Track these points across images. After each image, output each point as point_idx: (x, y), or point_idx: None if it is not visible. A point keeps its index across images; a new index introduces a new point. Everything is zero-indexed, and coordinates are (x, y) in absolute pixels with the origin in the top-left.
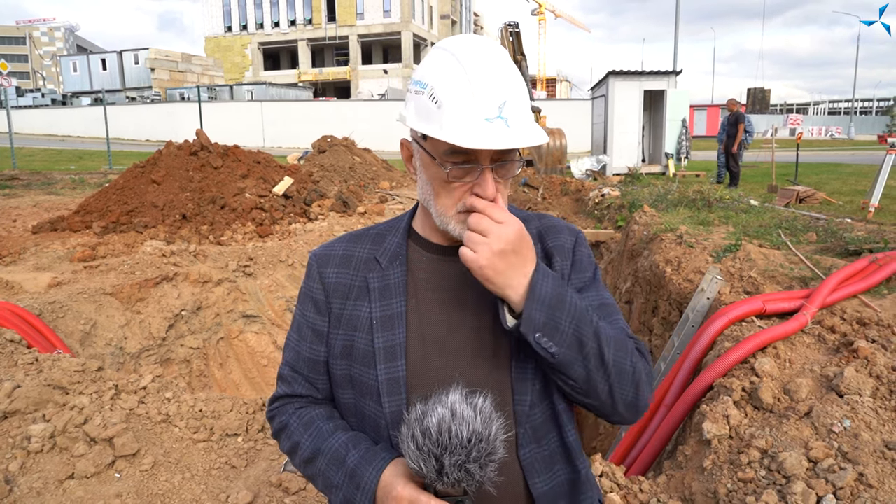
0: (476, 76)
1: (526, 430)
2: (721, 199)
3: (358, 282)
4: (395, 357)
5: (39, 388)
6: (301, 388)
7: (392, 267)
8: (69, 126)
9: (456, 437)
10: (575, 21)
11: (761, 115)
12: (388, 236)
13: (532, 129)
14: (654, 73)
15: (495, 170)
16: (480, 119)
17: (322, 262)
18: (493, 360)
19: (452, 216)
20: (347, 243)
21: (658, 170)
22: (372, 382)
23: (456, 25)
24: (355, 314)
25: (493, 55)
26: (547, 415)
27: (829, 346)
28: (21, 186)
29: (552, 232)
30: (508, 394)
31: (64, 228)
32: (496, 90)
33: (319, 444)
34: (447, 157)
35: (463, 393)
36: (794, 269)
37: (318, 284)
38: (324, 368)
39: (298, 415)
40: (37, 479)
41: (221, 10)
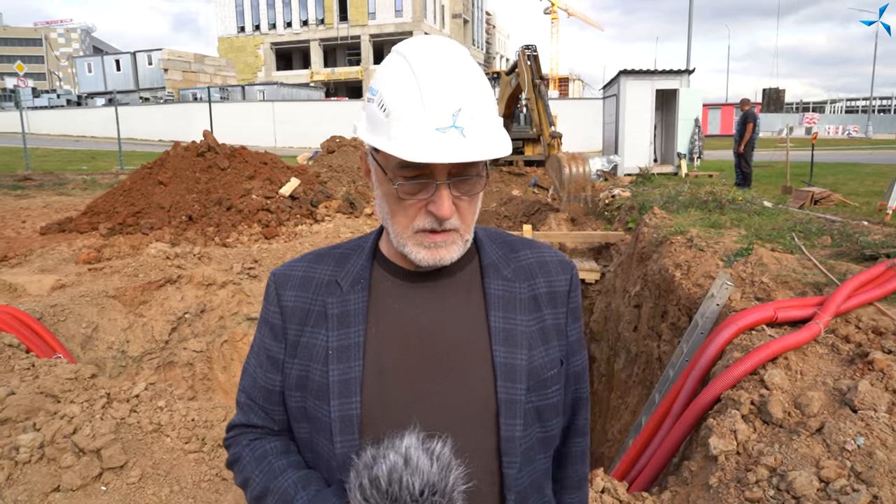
0: (426, 82)
1: (514, 497)
2: (734, 201)
3: (317, 306)
4: (349, 393)
5: (31, 396)
6: (257, 418)
7: (353, 291)
8: (84, 126)
9: (406, 489)
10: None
11: (776, 115)
12: (353, 257)
13: (494, 140)
14: (666, 71)
15: (455, 185)
16: (430, 129)
17: (281, 283)
18: (473, 410)
19: (409, 237)
20: (309, 263)
21: (670, 170)
22: (325, 418)
23: (468, 25)
24: (312, 342)
25: (449, 58)
26: (532, 478)
27: (844, 356)
28: (33, 187)
29: (544, 271)
30: (492, 451)
31: (71, 230)
32: (449, 97)
33: (269, 481)
34: (398, 172)
35: (420, 437)
36: (807, 275)
37: (275, 308)
38: (279, 399)
39: (252, 447)
40: (22, 492)
41: (234, 11)
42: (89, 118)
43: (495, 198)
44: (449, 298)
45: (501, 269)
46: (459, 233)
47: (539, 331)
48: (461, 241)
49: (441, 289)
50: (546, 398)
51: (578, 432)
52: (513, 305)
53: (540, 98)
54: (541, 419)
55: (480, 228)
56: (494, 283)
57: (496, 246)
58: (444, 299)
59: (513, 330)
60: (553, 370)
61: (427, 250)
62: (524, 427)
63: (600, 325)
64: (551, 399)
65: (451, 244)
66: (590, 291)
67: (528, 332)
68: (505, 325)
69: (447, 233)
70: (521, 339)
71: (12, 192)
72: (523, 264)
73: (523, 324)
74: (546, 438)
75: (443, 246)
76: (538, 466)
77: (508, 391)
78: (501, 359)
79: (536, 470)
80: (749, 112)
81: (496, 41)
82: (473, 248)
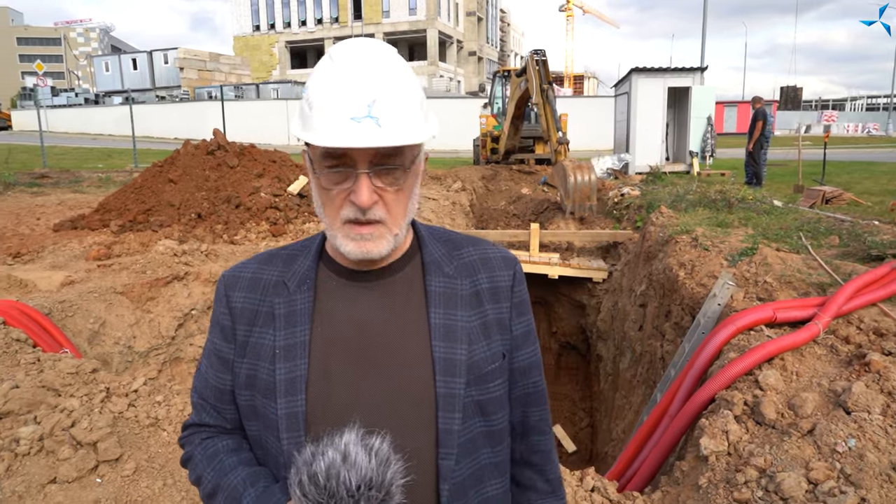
0: (344, 75)
1: (449, 488)
2: (743, 200)
3: (265, 307)
4: (294, 391)
5: (33, 390)
6: (209, 417)
7: (300, 291)
8: (101, 125)
9: (343, 484)
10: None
11: (794, 113)
12: (300, 258)
13: (411, 130)
14: (678, 69)
15: (377, 175)
16: (346, 118)
17: (230, 285)
18: (412, 405)
19: (338, 229)
20: (258, 265)
21: (682, 168)
22: (272, 416)
23: (482, 22)
24: (260, 342)
25: (369, 55)
26: (472, 470)
27: (842, 358)
28: (50, 185)
29: (486, 267)
30: (431, 445)
31: (83, 227)
32: (364, 88)
33: (220, 479)
34: (322, 162)
35: (359, 434)
36: (812, 275)
37: (224, 309)
38: (230, 398)
39: (204, 446)
40: (20, 483)
41: (250, 10)
42: (106, 116)
43: (504, 196)
44: (390, 297)
45: (443, 266)
46: (387, 226)
47: (481, 326)
48: (390, 235)
49: (383, 287)
50: (488, 392)
51: (534, 430)
52: (454, 302)
53: (548, 103)
54: (483, 413)
55: (424, 227)
56: (436, 280)
57: (439, 244)
58: (385, 297)
59: (453, 326)
60: (495, 364)
61: (354, 242)
62: (463, 420)
63: (607, 324)
64: (494, 393)
65: (379, 237)
66: (597, 290)
67: (468, 328)
68: (445, 321)
69: (372, 225)
70: (461, 335)
71: (29, 190)
72: (466, 261)
73: (464, 319)
74: (491, 432)
75: (369, 239)
76: (482, 460)
77: (447, 385)
78: (441, 354)
79: (479, 463)
80: (760, 110)
81: (510, 39)
82: (416, 246)
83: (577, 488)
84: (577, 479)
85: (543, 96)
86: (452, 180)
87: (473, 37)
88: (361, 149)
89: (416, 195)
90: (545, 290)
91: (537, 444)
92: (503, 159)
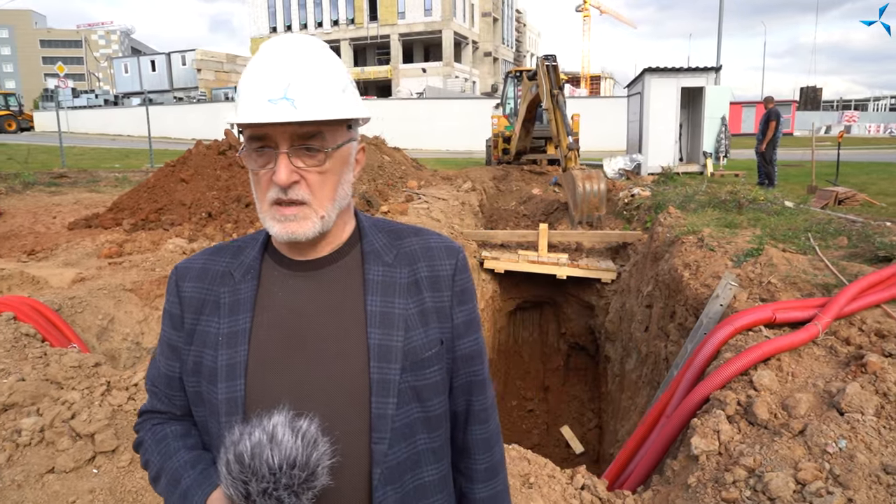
0: (263, 62)
1: (382, 471)
2: (755, 201)
3: (212, 296)
4: (235, 376)
5: (37, 383)
6: (160, 404)
7: (244, 281)
8: (120, 125)
9: (266, 463)
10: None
11: (814, 113)
12: (247, 249)
13: (326, 108)
14: (692, 69)
15: (298, 156)
16: (264, 100)
17: (181, 275)
18: (347, 390)
19: (266, 211)
20: (208, 256)
21: (696, 169)
22: (215, 401)
23: (497, 23)
24: (206, 330)
25: (290, 44)
26: (406, 455)
27: (841, 359)
28: (68, 184)
29: (427, 256)
30: (364, 430)
31: (97, 225)
32: (280, 72)
33: (164, 462)
34: (248, 145)
35: (288, 416)
36: (817, 276)
37: (174, 298)
38: (180, 385)
39: (153, 431)
40: (20, 472)
41: (266, 12)
42: (125, 117)
43: (515, 197)
44: (329, 285)
45: (383, 255)
46: (312, 207)
47: (419, 313)
48: (315, 217)
49: (322, 276)
50: (424, 378)
51: (476, 419)
52: (392, 290)
53: (558, 108)
54: (420, 399)
55: (367, 218)
56: (374, 268)
57: (382, 234)
58: (324, 286)
59: (390, 313)
60: (432, 350)
61: (280, 223)
62: (398, 406)
63: (615, 325)
64: (430, 379)
65: (303, 219)
66: (606, 291)
67: (405, 315)
68: (382, 308)
69: (296, 206)
70: (397, 322)
71: (47, 189)
72: (406, 250)
73: (401, 307)
74: (429, 418)
75: (294, 220)
76: (419, 445)
77: (382, 371)
78: (376, 340)
79: (416, 448)
80: (773, 110)
81: (526, 39)
82: (357, 236)
83: (567, 486)
84: (567, 477)
85: (554, 101)
86: (463, 181)
87: (489, 37)
88: (281, 129)
89: (346, 182)
90: (554, 291)
91: (478, 432)
92: (514, 160)
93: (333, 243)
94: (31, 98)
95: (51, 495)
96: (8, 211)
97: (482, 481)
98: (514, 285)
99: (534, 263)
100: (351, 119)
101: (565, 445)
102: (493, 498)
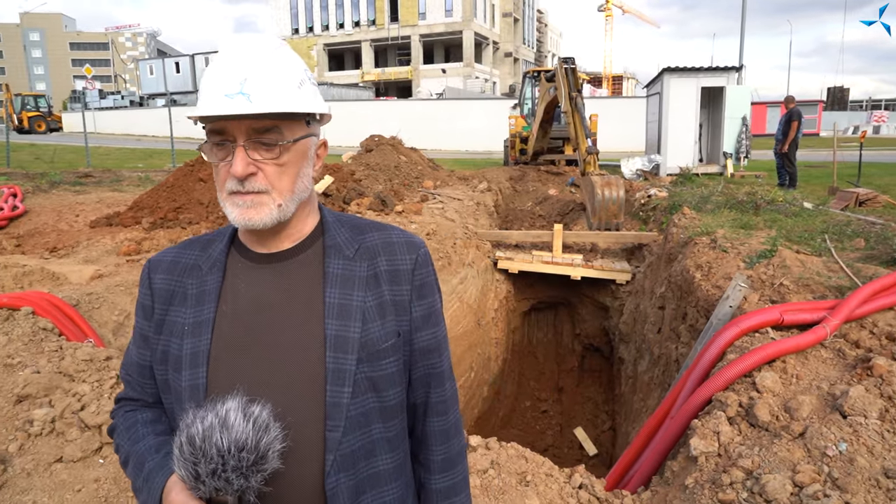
0: (222, 59)
1: (335, 458)
2: (773, 202)
3: (181, 288)
4: (197, 363)
5: (50, 375)
6: (133, 391)
7: (210, 273)
8: (145, 126)
9: (215, 446)
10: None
11: (841, 113)
12: (216, 243)
13: (280, 102)
14: (712, 68)
15: (255, 149)
16: (220, 95)
17: (153, 268)
18: (304, 379)
19: (225, 199)
20: (179, 250)
21: (716, 170)
22: (179, 388)
23: (518, 23)
24: (174, 320)
25: (248, 43)
26: (361, 443)
27: (848, 362)
28: (92, 183)
29: (388, 250)
30: (320, 418)
31: (117, 224)
32: (236, 68)
33: (132, 447)
34: (208, 138)
35: (241, 401)
36: (831, 278)
37: (146, 290)
38: (150, 373)
39: (125, 418)
40: (30, 461)
41: (289, 14)
42: (149, 118)
43: (531, 197)
44: (290, 277)
45: (344, 249)
46: (270, 195)
47: (377, 306)
48: (273, 205)
49: (284, 269)
50: (381, 369)
51: (434, 411)
52: (351, 283)
53: (576, 111)
54: (376, 389)
55: (331, 213)
56: (335, 262)
57: (345, 229)
58: (285, 278)
59: (348, 305)
60: (388, 342)
61: (238, 209)
62: (353, 395)
63: (629, 326)
64: (386, 370)
65: (261, 205)
66: (620, 292)
67: (363, 307)
68: (340, 300)
69: (253, 194)
70: (355, 314)
71: (72, 188)
72: (368, 245)
73: (359, 299)
74: (385, 408)
75: (251, 206)
76: (374, 434)
77: (338, 361)
78: (333, 331)
79: (371, 437)
80: (794, 110)
81: (548, 40)
82: (320, 231)
83: (565, 485)
84: (565, 476)
85: (572, 104)
86: (479, 181)
87: (510, 38)
88: (237, 123)
89: (305, 175)
90: (568, 292)
91: (435, 424)
92: (531, 160)
93: (295, 237)
94: (60, 99)
95: (58, 483)
96: (34, 209)
97: (439, 472)
98: (528, 286)
99: (548, 264)
100: (310, 115)
101: (579, 447)
102: (449, 489)
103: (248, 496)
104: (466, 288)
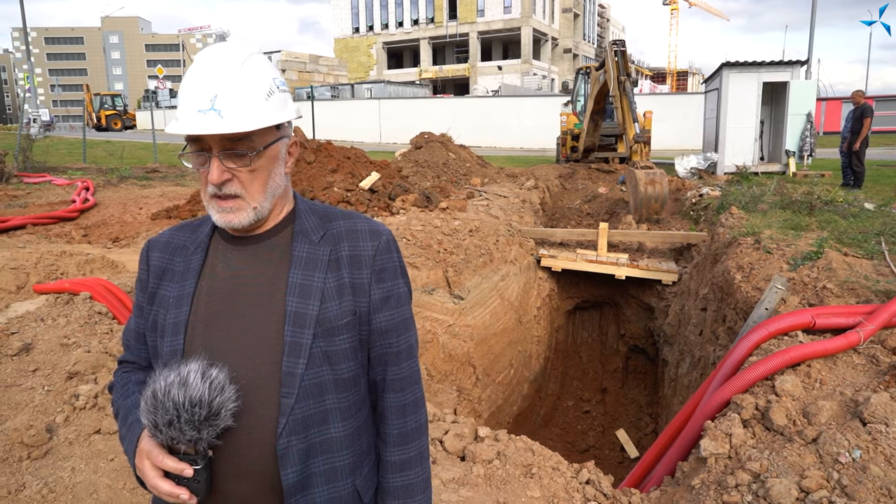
0: (192, 75)
1: (287, 422)
2: (831, 202)
3: (171, 265)
4: (177, 332)
5: (98, 355)
6: (130, 355)
7: (195, 253)
8: None
9: (171, 400)
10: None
11: None
12: (203, 226)
13: (250, 118)
14: (774, 63)
15: (229, 158)
16: (194, 111)
17: (151, 246)
18: (265, 349)
19: (208, 202)
20: (173, 231)
21: (777, 169)
22: (163, 352)
23: (578, 19)
24: (164, 293)
25: (219, 56)
26: (314, 410)
27: (881, 368)
28: (158, 178)
29: (351, 237)
30: (275, 385)
31: (175, 216)
32: (207, 86)
33: (122, 402)
34: (190, 148)
35: (202, 364)
36: (879, 282)
37: (144, 266)
38: (145, 340)
39: (122, 378)
40: (73, 431)
41: (350, 13)
42: None
43: (580, 195)
44: (261, 258)
45: (311, 235)
46: (245, 200)
47: (336, 287)
48: (249, 208)
49: (257, 251)
50: (335, 344)
51: (390, 387)
52: (313, 265)
53: (625, 95)
54: (330, 362)
55: (305, 202)
56: (300, 246)
57: (314, 217)
58: (257, 259)
59: (308, 285)
60: (344, 320)
61: (219, 214)
62: (307, 366)
63: (673, 328)
64: (341, 346)
65: (238, 210)
66: (666, 293)
67: (323, 288)
68: (302, 280)
69: (231, 199)
70: (315, 293)
71: (139, 183)
72: (333, 232)
73: (320, 280)
74: (339, 380)
75: (230, 211)
76: (328, 403)
77: (295, 335)
78: (293, 308)
79: (324, 406)
80: (866, 106)
81: (609, 35)
82: (291, 217)
83: (572, 479)
84: (573, 471)
85: (621, 88)
86: (526, 178)
87: (569, 34)
88: (211, 137)
89: (277, 174)
90: (613, 291)
91: (392, 400)
92: (583, 157)
93: (269, 223)
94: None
95: (94, 452)
96: (103, 202)
97: (394, 445)
98: (572, 284)
99: (592, 263)
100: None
101: (620, 449)
102: (403, 462)
103: (200, 446)
104: (508, 285)
